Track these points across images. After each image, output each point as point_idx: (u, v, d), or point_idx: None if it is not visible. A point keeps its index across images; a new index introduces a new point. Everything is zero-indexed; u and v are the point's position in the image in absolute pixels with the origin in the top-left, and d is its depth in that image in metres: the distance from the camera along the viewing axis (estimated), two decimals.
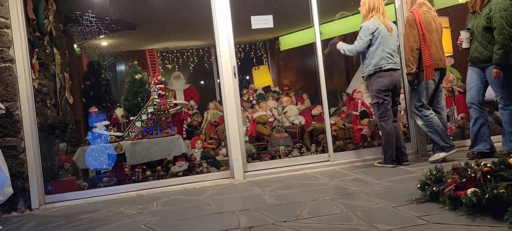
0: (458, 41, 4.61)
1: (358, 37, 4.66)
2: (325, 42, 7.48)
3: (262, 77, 8.90)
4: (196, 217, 3.36)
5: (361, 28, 4.65)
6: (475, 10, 4.44)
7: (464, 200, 2.65)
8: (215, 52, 5.07)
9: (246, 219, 3.11)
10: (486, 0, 4.34)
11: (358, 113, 6.23)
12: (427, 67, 4.50)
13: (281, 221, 2.97)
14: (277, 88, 7.85)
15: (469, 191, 2.67)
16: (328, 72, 7.56)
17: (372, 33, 4.56)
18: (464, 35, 4.49)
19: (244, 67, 9.09)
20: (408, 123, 5.29)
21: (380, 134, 4.70)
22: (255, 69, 9.06)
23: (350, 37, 7.69)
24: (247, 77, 9.21)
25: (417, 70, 4.57)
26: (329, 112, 6.36)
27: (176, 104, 6.34)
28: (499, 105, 4.39)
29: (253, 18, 5.15)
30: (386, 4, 5.17)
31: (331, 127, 5.23)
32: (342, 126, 5.85)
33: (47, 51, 5.30)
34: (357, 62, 6.79)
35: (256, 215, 3.21)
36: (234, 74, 4.83)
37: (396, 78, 4.61)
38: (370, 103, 4.76)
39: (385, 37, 4.59)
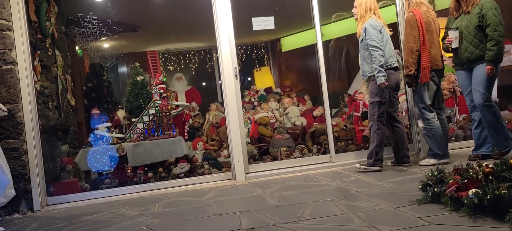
0: (446, 42, 4.48)
1: (369, 40, 4.41)
2: (327, 44, 7.50)
3: (264, 78, 8.91)
4: (197, 218, 3.37)
5: (365, 29, 4.49)
6: (463, 11, 4.36)
7: (465, 201, 2.65)
8: (217, 53, 5.06)
9: (248, 220, 3.11)
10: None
11: (359, 114, 6.22)
12: (424, 69, 4.45)
13: (283, 222, 2.97)
14: (278, 90, 7.86)
15: (470, 191, 2.67)
16: (329, 74, 7.58)
17: (380, 31, 4.46)
18: (453, 34, 4.39)
19: (246, 69, 9.10)
20: (410, 124, 5.28)
21: (374, 133, 4.51)
22: (257, 70, 9.08)
23: (349, 39, 7.71)
24: (249, 79, 9.23)
25: (415, 72, 4.52)
26: (331, 113, 6.37)
27: (178, 106, 6.36)
28: (480, 106, 4.25)
29: (254, 19, 5.16)
30: (386, 6, 5.15)
31: (332, 128, 5.22)
32: (344, 127, 5.84)
33: (49, 53, 5.32)
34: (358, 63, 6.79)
35: (257, 216, 3.22)
36: (235, 75, 4.84)
37: (398, 77, 4.60)
38: (369, 102, 4.61)
39: (388, 36, 4.56)
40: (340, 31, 7.78)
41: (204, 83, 9.41)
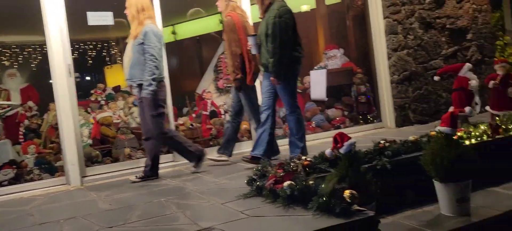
0: (247, 48, 4.45)
1: (149, 47, 4.10)
2: (180, 43, 7.50)
3: (116, 76, 8.49)
4: (14, 230, 3.05)
5: (145, 33, 4.11)
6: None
7: (280, 192, 2.85)
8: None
9: (70, 228, 2.94)
10: (266, 3, 4.16)
11: (208, 113, 6.33)
12: (248, 74, 4.47)
13: (107, 227, 2.85)
14: (128, 88, 7.55)
15: (285, 184, 2.88)
16: (181, 73, 7.57)
17: (159, 40, 4.23)
18: (251, 41, 4.28)
19: (97, 66, 8.57)
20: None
21: (156, 145, 4.42)
22: (108, 68, 8.61)
23: (203, 38, 7.82)
24: (102, 76, 8.72)
25: (243, 76, 4.49)
26: (181, 113, 6.36)
27: (9, 106, 5.71)
28: (286, 112, 4.24)
29: (89, 14, 4.83)
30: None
31: (178, 128, 5.21)
32: (190, 126, 5.88)
33: None
34: (207, 63, 6.90)
35: (82, 222, 3.04)
36: (70, 72, 4.50)
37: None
38: (152, 115, 4.20)
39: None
40: (195, 30, 7.83)
41: (45, 81, 8.57)
